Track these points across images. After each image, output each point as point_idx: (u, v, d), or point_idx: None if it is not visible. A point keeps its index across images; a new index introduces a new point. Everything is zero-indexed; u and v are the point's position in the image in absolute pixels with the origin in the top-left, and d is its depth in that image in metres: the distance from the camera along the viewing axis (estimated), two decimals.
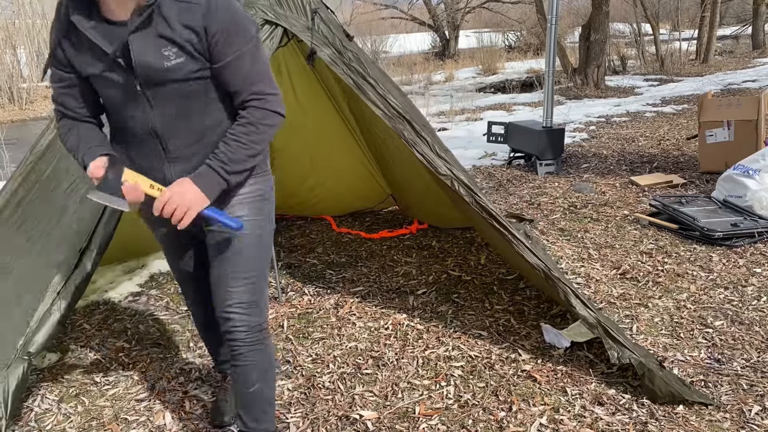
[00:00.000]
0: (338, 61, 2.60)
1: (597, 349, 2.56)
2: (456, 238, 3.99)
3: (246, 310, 1.77)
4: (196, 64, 1.56)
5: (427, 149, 2.60)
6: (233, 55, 1.57)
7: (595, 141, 6.90)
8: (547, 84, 5.83)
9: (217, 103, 1.66)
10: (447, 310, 3.03)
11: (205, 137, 1.66)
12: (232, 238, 1.74)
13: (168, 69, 1.54)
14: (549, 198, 4.80)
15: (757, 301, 2.98)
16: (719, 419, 2.13)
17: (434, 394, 2.35)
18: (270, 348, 1.86)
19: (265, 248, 1.81)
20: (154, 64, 1.53)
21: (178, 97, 1.59)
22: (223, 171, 1.61)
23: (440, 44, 22.00)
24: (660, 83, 11.81)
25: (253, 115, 1.62)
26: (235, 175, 1.63)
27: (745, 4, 21.12)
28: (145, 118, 1.61)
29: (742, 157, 4.31)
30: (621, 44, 15.65)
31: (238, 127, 1.62)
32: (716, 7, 14.46)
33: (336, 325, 2.94)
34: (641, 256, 3.56)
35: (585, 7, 17.55)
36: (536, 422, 2.16)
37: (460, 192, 2.57)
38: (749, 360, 2.48)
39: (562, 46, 12.38)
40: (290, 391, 2.42)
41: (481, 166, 6.07)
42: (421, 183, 3.75)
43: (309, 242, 4.11)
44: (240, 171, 1.63)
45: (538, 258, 2.51)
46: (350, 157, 4.32)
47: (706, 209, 4.04)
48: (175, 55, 1.53)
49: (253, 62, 1.61)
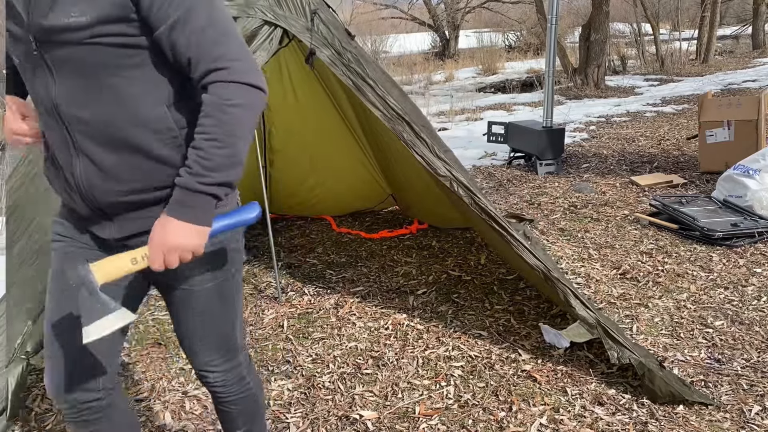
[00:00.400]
0: (337, 62, 2.60)
1: (597, 349, 2.56)
2: (456, 238, 3.99)
3: (220, 366, 1.55)
4: (115, 26, 1.17)
5: (426, 150, 2.60)
6: (179, 12, 1.18)
7: (595, 141, 6.89)
8: (547, 84, 5.83)
9: (156, 89, 1.25)
10: (447, 310, 3.03)
11: (134, 138, 1.24)
12: (192, 296, 1.43)
13: (66, 27, 1.16)
14: (549, 198, 4.80)
15: (757, 301, 2.98)
16: (719, 419, 2.13)
17: (434, 394, 2.35)
18: (255, 389, 1.66)
19: (231, 297, 1.49)
20: (50, 17, 1.16)
21: (86, 66, 1.20)
22: (202, 185, 1.21)
23: (440, 44, 21.99)
24: (660, 83, 11.81)
25: (218, 95, 1.20)
26: (220, 187, 1.23)
27: (745, 4, 21.10)
28: (47, 93, 1.24)
29: (742, 157, 4.31)
30: (621, 44, 15.64)
31: (203, 119, 1.21)
32: (716, 7, 14.45)
33: (336, 325, 2.94)
34: (641, 256, 3.56)
35: (585, 7, 17.55)
36: (536, 422, 2.16)
37: (459, 193, 2.57)
38: (749, 360, 2.48)
39: (562, 46, 12.38)
40: (290, 391, 2.42)
41: (481, 166, 6.07)
42: (421, 183, 3.75)
43: (309, 242, 4.11)
44: (225, 182, 1.23)
45: (537, 259, 2.51)
46: (350, 157, 4.32)
47: (706, 209, 4.03)
48: (79, 12, 1.15)
49: (210, 19, 1.20)
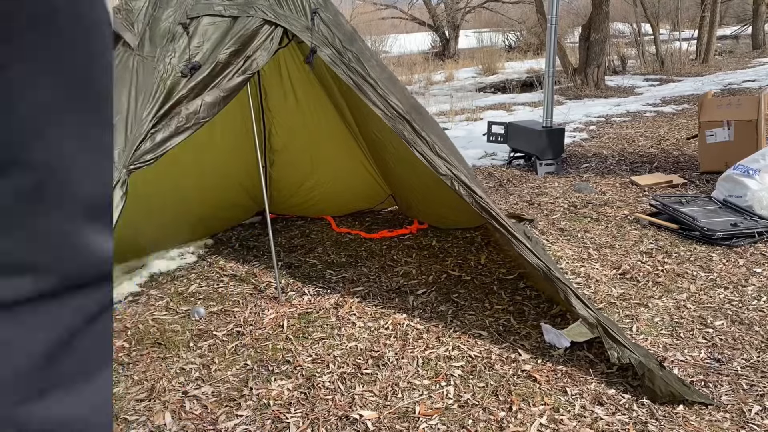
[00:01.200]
0: (338, 61, 2.60)
1: (597, 349, 2.56)
2: (456, 238, 3.99)
3: None
4: None
5: (426, 149, 2.60)
6: None
7: (595, 141, 6.89)
8: (547, 84, 5.83)
9: None
10: (447, 310, 3.03)
11: None
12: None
13: None
14: (549, 198, 4.80)
15: (757, 301, 2.98)
16: (719, 419, 2.13)
17: (434, 394, 2.35)
18: None
19: None
20: None
21: None
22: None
23: (440, 44, 22.00)
24: (660, 83, 11.81)
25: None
26: None
27: (745, 4, 21.11)
28: None
29: (742, 157, 4.30)
30: (621, 44, 15.64)
31: None
32: (716, 7, 14.46)
33: (336, 325, 2.94)
34: (641, 256, 3.56)
35: (585, 7, 17.56)
36: (536, 422, 2.16)
37: (459, 192, 2.57)
38: (749, 360, 2.48)
39: (562, 46, 12.38)
40: (290, 391, 2.42)
41: (481, 166, 6.07)
42: (420, 183, 3.75)
43: (309, 242, 4.10)
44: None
45: (537, 258, 2.51)
46: (350, 157, 4.32)
47: (706, 209, 4.03)
48: None
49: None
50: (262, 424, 2.24)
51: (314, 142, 4.24)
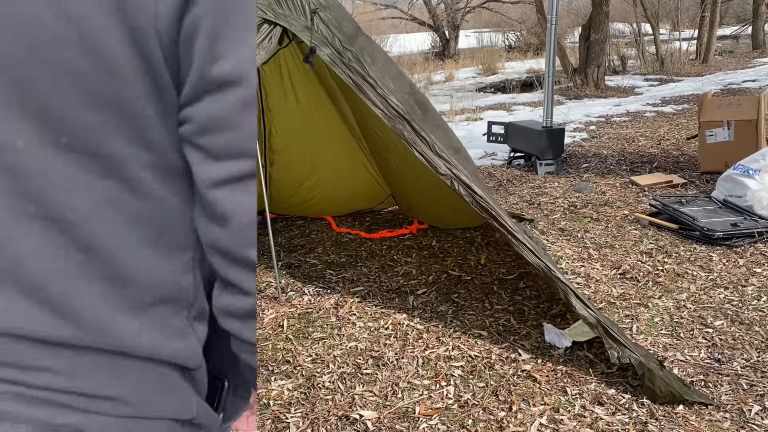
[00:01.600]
0: (338, 61, 2.60)
1: (597, 349, 2.56)
2: (456, 238, 3.99)
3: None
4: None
5: (426, 149, 2.59)
6: None
7: (595, 141, 6.89)
8: (547, 84, 5.83)
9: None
10: (447, 310, 3.03)
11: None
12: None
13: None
14: (549, 198, 4.80)
15: (757, 300, 2.98)
16: (719, 419, 2.13)
17: (434, 394, 2.35)
18: None
19: None
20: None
21: None
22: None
23: (440, 44, 21.99)
24: (660, 83, 11.81)
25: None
26: None
27: (745, 4, 21.10)
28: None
29: (742, 157, 4.30)
30: (621, 44, 15.64)
31: None
32: (716, 7, 14.46)
33: (336, 325, 2.94)
34: (641, 256, 3.56)
35: (585, 7, 17.55)
36: (536, 422, 2.16)
37: (459, 191, 2.57)
38: (749, 360, 2.48)
39: (562, 46, 12.38)
40: (290, 391, 2.42)
41: (481, 166, 6.06)
42: (420, 183, 3.75)
43: (309, 242, 4.10)
44: None
45: (538, 258, 2.51)
46: (351, 157, 4.32)
47: (706, 209, 4.03)
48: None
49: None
50: (262, 424, 2.23)
51: (314, 141, 4.24)
